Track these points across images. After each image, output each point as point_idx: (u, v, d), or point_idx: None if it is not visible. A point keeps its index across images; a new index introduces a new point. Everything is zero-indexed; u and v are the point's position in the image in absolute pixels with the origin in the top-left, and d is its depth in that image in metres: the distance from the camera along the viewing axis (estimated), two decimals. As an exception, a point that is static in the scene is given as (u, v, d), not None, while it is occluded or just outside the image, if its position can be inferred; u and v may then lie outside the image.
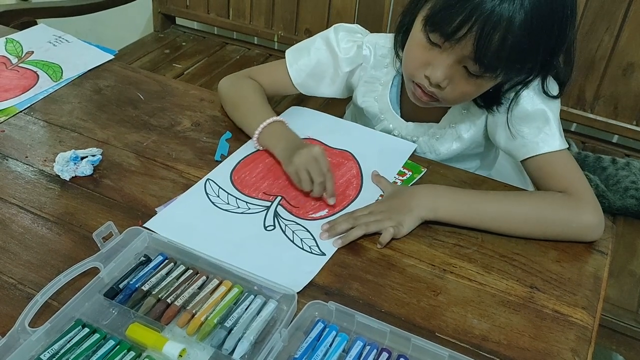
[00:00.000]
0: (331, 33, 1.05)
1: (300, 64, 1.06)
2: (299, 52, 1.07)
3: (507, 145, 0.95)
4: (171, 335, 0.67)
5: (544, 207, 0.85)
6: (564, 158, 0.91)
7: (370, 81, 1.06)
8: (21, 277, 0.74)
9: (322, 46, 1.05)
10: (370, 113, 1.07)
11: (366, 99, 1.07)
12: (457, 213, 0.84)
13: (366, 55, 1.04)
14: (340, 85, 1.08)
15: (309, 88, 1.08)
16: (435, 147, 1.03)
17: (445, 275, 0.78)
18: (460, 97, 0.89)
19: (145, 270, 0.73)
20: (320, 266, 0.77)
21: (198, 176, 0.92)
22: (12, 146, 0.98)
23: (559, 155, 0.90)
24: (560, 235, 0.83)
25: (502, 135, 0.95)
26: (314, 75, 1.06)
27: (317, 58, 1.05)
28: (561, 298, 0.75)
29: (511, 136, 0.92)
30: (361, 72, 1.06)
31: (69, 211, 0.85)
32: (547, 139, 0.90)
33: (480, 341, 0.69)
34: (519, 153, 0.93)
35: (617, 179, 1.35)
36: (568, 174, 0.89)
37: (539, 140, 0.90)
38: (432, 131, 1.03)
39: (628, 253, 1.27)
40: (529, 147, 0.91)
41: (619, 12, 1.41)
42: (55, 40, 1.30)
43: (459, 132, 1.01)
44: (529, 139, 0.91)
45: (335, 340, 0.66)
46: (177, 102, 1.11)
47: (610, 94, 1.51)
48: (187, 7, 2.05)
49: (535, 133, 0.91)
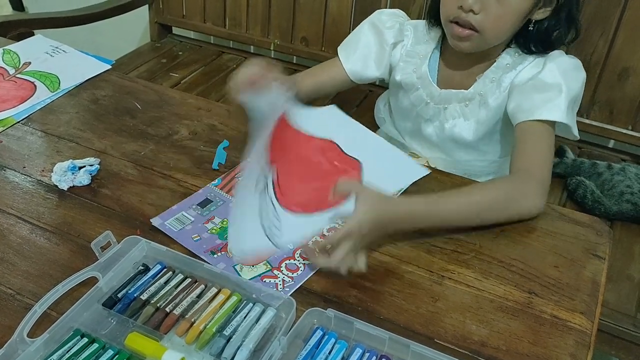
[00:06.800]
0: (375, 16, 1.16)
1: (350, 50, 1.15)
2: (348, 42, 1.17)
3: (513, 108, 1.00)
4: (170, 344, 0.67)
5: (490, 199, 0.87)
6: (544, 133, 0.95)
7: (410, 55, 1.13)
8: (19, 287, 0.74)
9: (368, 29, 1.15)
10: (408, 84, 1.13)
11: (405, 72, 1.13)
12: None
13: (407, 34, 1.14)
14: (386, 65, 1.15)
15: (359, 73, 1.15)
16: (464, 113, 1.09)
17: (444, 281, 0.78)
18: (495, 22, 0.95)
19: (144, 280, 0.73)
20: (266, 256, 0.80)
21: (196, 185, 0.92)
22: (10, 156, 0.98)
23: (543, 127, 0.95)
24: (504, 220, 0.87)
25: (515, 97, 1.00)
26: (363, 57, 1.14)
27: (365, 40, 1.14)
28: (559, 303, 0.75)
29: (520, 100, 0.98)
30: (402, 50, 1.14)
31: (67, 221, 0.85)
32: (552, 107, 0.95)
33: (480, 347, 0.69)
34: (518, 116, 0.98)
35: (613, 184, 1.36)
36: (533, 151, 0.94)
37: (542, 107, 0.95)
38: (462, 96, 1.08)
39: (626, 258, 1.27)
40: (528, 112, 0.96)
41: (613, 17, 1.42)
42: (53, 50, 1.30)
43: (485, 99, 1.06)
44: (534, 104, 0.96)
45: (334, 348, 0.66)
46: (175, 112, 1.11)
47: (605, 99, 1.52)
48: (184, 16, 2.05)
49: (542, 101, 0.96)
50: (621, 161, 1.55)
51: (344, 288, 0.76)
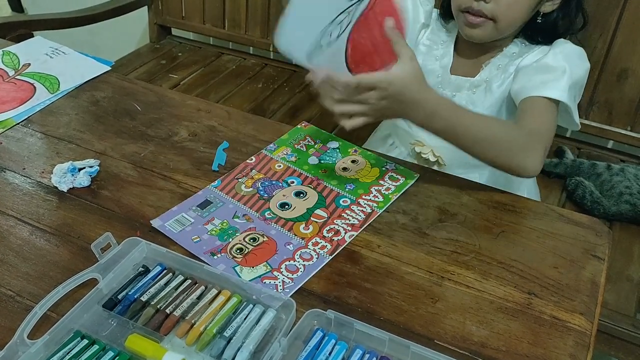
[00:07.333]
0: None
1: None
2: None
3: (517, 89, 1.02)
4: (170, 346, 0.67)
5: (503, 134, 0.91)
6: (547, 108, 0.98)
7: (433, 40, 1.16)
8: (19, 289, 0.74)
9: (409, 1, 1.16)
10: (427, 70, 1.13)
11: (427, 57, 1.15)
12: None
13: (434, 18, 1.17)
14: (412, 39, 1.14)
15: None
16: (473, 100, 1.12)
17: (444, 282, 0.78)
18: (507, 9, 0.98)
19: (144, 281, 0.74)
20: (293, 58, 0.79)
21: (196, 186, 0.92)
22: (9, 158, 0.98)
23: (546, 103, 0.98)
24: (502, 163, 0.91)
25: (519, 79, 1.03)
26: None
27: (404, 6, 1.12)
28: (559, 304, 0.75)
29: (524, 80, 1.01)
30: (425, 33, 1.17)
31: (67, 222, 0.85)
32: (553, 85, 0.98)
33: (479, 348, 0.69)
34: (521, 93, 1.00)
35: (612, 184, 1.36)
36: (536, 120, 0.96)
37: (544, 86, 0.98)
38: (470, 84, 1.12)
39: (625, 258, 1.27)
40: (531, 89, 0.99)
41: (612, 18, 1.42)
42: (52, 52, 1.30)
43: (490, 85, 1.10)
44: (536, 83, 0.99)
45: (334, 349, 0.67)
46: (174, 113, 1.11)
47: (604, 100, 1.52)
48: (183, 18, 2.05)
49: (545, 80, 0.99)
50: (620, 162, 1.55)
51: (344, 289, 0.76)
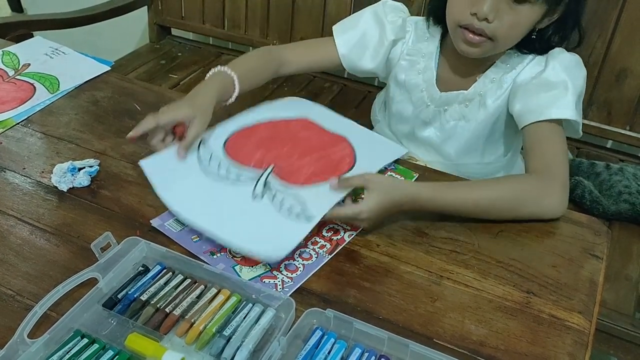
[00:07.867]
0: (379, 6, 1.13)
1: (347, 35, 1.13)
2: (346, 24, 1.14)
3: (519, 110, 0.98)
4: (170, 345, 0.67)
5: (512, 193, 0.88)
6: (554, 131, 0.95)
7: (412, 54, 1.11)
8: (20, 288, 0.74)
9: (370, 18, 1.12)
10: (411, 85, 1.12)
11: (409, 72, 1.12)
12: None
13: (409, 30, 1.12)
14: (382, 59, 1.12)
15: (352, 61, 1.13)
16: (465, 114, 1.08)
17: (443, 281, 0.78)
18: (509, 30, 0.93)
19: (144, 280, 0.74)
20: (305, 234, 0.79)
21: (195, 186, 0.92)
22: (9, 158, 0.98)
23: (553, 127, 0.95)
24: (523, 217, 0.88)
25: (520, 98, 0.99)
26: (360, 46, 1.12)
27: (364, 29, 1.12)
28: (558, 303, 0.76)
29: (527, 100, 0.97)
30: (403, 47, 1.12)
31: (67, 222, 0.85)
32: (560, 104, 0.95)
33: (478, 347, 0.70)
34: (526, 117, 0.97)
35: (611, 184, 1.36)
36: (548, 152, 0.93)
37: (551, 106, 0.95)
38: (462, 97, 1.07)
39: (623, 257, 1.27)
40: (537, 112, 0.95)
41: (611, 18, 1.43)
42: (52, 52, 1.31)
43: (484, 100, 1.06)
44: (542, 104, 0.96)
45: (333, 348, 0.67)
46: (174, 113, 1.11)
47: (603, 100, 1.52)
48: (183, 18, 2.05)
49: (550, 100, 0.95)
50: (619, 161, 1.56)
51: (343, 288, 0.76)
